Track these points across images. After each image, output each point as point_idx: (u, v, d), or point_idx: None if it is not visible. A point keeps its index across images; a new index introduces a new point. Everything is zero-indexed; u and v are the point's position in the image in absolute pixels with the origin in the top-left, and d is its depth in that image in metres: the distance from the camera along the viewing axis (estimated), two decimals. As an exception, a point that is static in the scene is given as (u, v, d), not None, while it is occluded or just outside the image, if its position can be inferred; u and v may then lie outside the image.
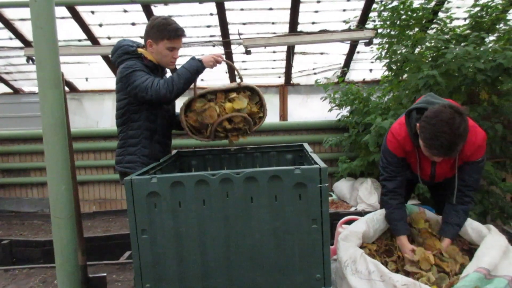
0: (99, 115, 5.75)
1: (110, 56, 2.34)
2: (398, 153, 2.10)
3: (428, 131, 1.79)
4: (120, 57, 2.24)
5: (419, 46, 3.76)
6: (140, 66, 2.18)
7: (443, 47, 3.37)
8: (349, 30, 4.70)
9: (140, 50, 2.25)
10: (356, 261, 1.81)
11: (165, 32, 2.16)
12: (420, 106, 1.97)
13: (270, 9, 4.55)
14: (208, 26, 4.78)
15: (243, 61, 5.34)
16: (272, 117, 5.58)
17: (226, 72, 5.47)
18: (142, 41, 2.34)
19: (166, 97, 2.09)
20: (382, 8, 3.90)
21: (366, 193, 4.34)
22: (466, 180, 2.04)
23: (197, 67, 2.14)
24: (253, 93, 2.37)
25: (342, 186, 4.76)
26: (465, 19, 3.85)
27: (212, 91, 2.31)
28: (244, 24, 4.75)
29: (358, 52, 5.17)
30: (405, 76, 3.93)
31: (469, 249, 2.04)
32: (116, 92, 2.28)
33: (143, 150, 2.28)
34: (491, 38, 3.68)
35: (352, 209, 4.35)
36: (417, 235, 2.11)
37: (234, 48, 4.95)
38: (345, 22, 4.57)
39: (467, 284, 1.57)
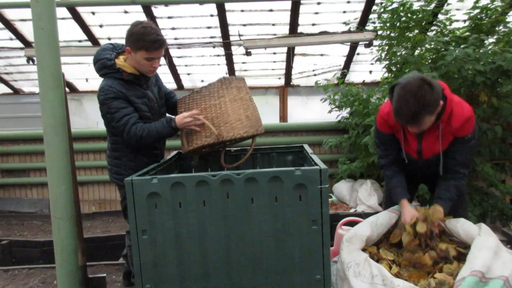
0: (99, 116, 5.69)
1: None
2: (384, 130, 2.14)
3: (395, 100, 1.83)
4: (100, 70, 2.20)
5: (418, 48, 3.76)
6: (116, 91, 2.11)
7: (442, 49, 3.38)
8: (349, 31, 4.71)
9: (119, 63, 2.16)
10: (360, 265, 1.81)
11: (143, 42, 2.05)
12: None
13: (271, 10, 4.56)
14: (209, 27, 4.79)
15: (243, 62, 5.35)
16: (272, 118, 5.58)
17: (226, 73, 5.48)
18: None
19: (135, 145, 2.20)
20: (382, 10, 3.91)
21: (366, 194, 4.33)
22: (456, 158, 2.02)
23: (168, 133, 2.15)
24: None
25: (342, 188, 4.76)
26: (464, 21, 3.86)
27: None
28: (244, 25, 4.76)
29: (358, 54, 5.18)
30: (404, 77, 3.93)
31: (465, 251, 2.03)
32: None
33: (128, 163, 2.27)
34: (491, 40, 3.69)
35: (352, 210, 4.35)
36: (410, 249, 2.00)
37: (235, 49, 4.96)
38: (345, 23, 4.58)
39: (465, 289, 1.56)
